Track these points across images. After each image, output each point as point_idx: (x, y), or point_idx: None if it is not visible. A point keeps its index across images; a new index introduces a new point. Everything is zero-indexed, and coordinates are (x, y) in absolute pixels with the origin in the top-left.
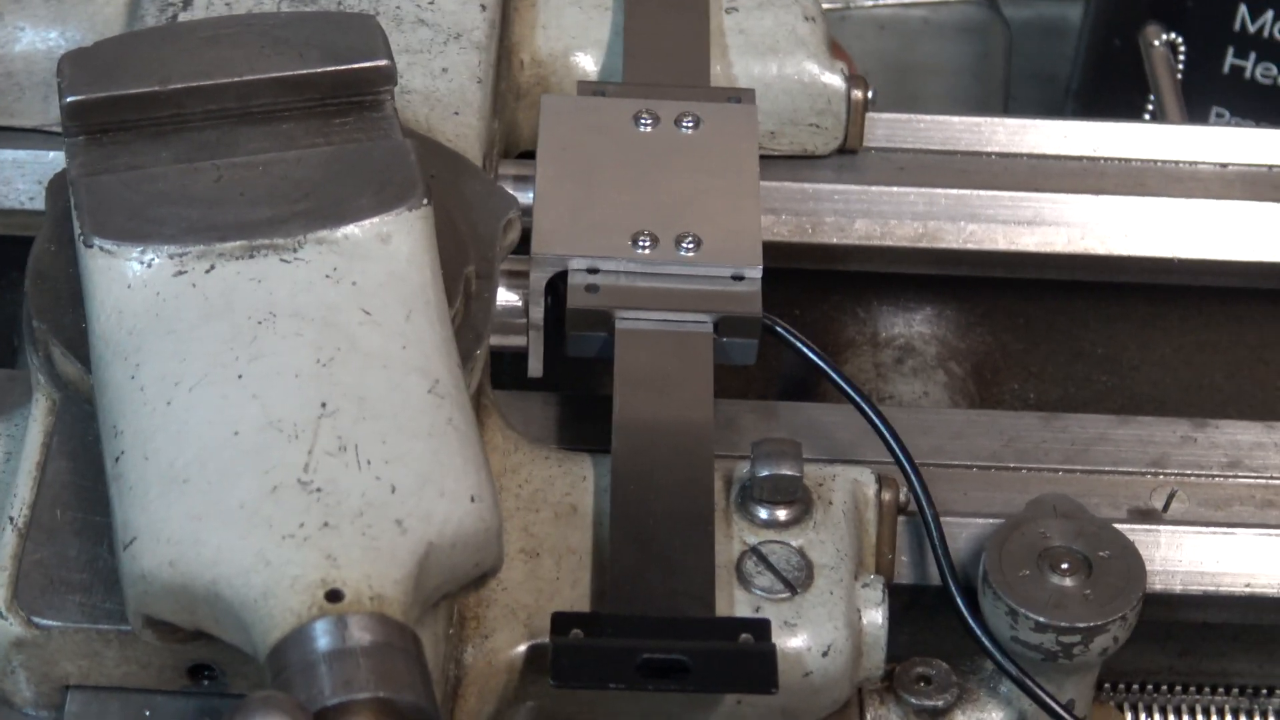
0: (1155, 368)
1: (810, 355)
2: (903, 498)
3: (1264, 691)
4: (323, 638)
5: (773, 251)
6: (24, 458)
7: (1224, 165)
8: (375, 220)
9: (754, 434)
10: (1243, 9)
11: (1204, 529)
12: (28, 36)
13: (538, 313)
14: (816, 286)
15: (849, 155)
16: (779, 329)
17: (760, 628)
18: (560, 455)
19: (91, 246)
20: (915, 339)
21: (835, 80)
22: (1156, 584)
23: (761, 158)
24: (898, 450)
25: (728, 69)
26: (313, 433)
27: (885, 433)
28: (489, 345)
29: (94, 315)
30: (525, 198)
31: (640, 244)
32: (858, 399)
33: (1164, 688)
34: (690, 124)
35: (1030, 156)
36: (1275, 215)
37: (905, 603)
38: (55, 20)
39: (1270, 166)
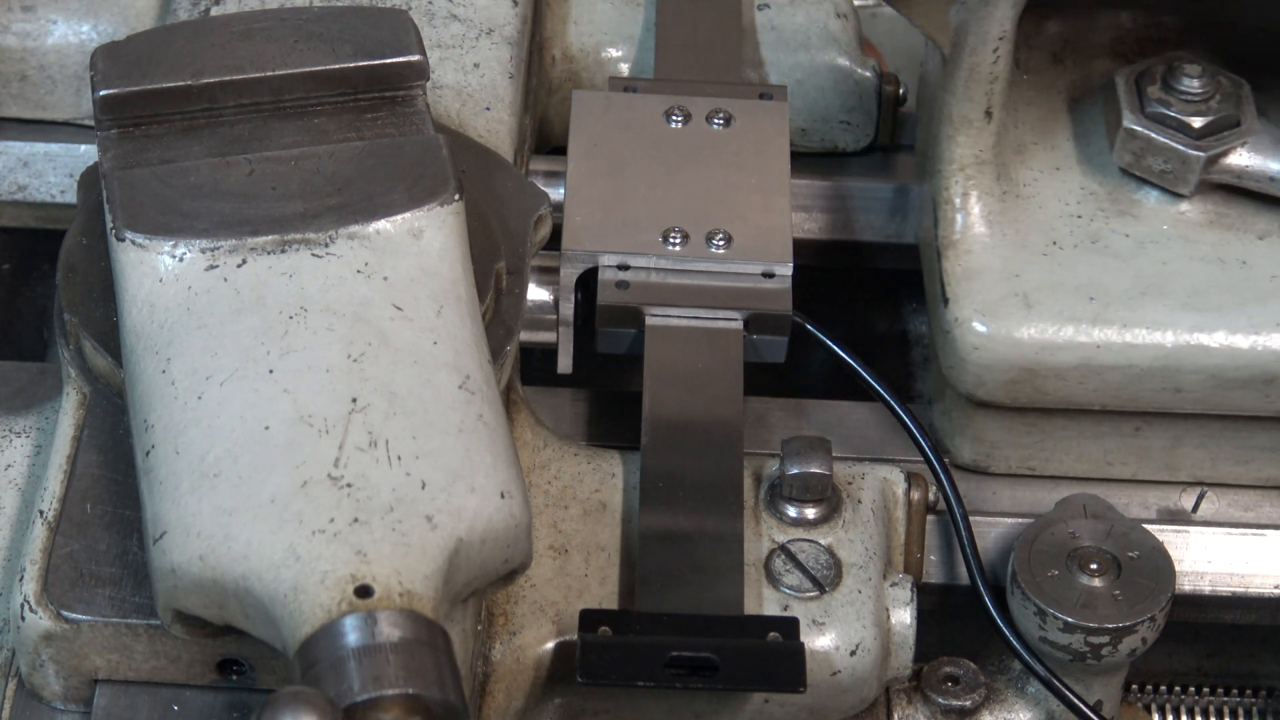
0: None
1: (840, 353)
2: (932, 497)
3: None
4: (352, 633)
5: (803, 249)
6: (54, 451)
7: None
8: (407, 215)
9: (783, 432)
10: None
11: (1233, 530)
12: (60, 30)
13: (568, 309)
14: (847, 284)
15: (880, 152)
16: (809, 327)
17: (788, 626)
18: (589, 452)
19: (123, 240)
20: None
21: (867, 77)
22: (1185, 585)
23: (792, 154)
24: (927, 449)
25: (759, 65)
26: (343, 428)
27: (915, 431)
28: (519, 341)
29: (125, 309)
30: (556, 193)
31: (671, 241)
32: (887, 397)
33: (1192, 689)
34: (721, 120)
35: None
36: None
37: (933, 602)
38: (88, 13)
39: None
